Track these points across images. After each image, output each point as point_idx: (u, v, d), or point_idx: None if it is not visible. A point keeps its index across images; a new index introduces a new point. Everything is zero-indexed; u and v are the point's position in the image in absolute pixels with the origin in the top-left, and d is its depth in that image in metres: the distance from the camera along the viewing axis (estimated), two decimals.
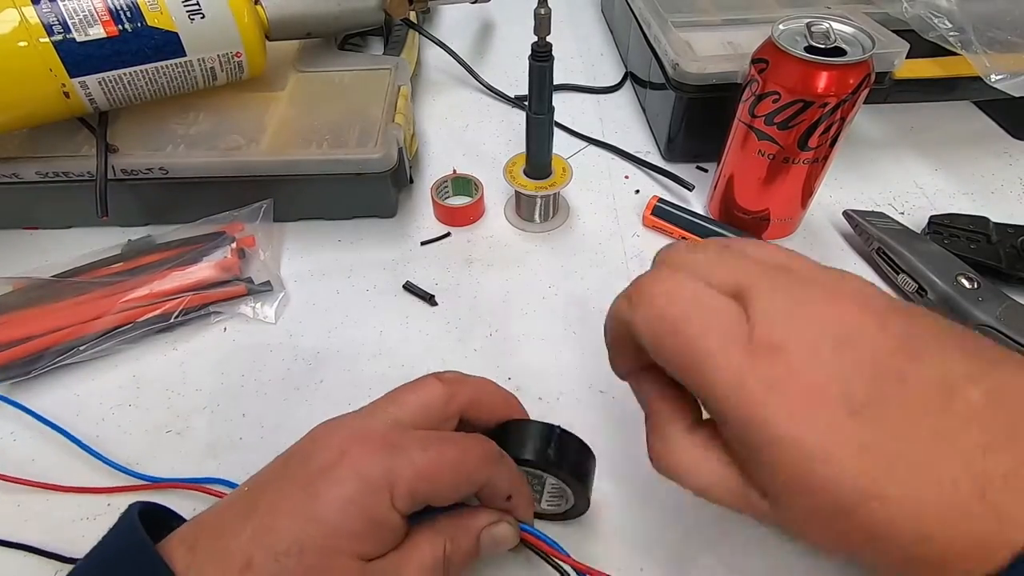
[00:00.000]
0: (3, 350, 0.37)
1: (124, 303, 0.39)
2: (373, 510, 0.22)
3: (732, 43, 0.48)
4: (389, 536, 0.23)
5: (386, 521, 0.22)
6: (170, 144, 0.43)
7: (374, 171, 0.42)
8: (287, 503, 0.22)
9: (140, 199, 0.45)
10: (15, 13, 0.35)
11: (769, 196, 0.42)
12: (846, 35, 0.37)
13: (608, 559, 0.30)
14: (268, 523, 0.22)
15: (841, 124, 0.37)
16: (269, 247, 0.44)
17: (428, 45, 0.63)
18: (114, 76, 0.38)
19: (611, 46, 0.69)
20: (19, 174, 0.41)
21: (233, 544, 0.22)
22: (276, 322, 0.41)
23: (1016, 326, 0.36)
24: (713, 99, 0.45)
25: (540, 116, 0.41)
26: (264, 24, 0.45)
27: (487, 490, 0.25)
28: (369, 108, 0.46)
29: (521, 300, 0.42)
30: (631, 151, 0.54)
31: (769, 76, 0.37)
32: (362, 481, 0.22)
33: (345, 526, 0.22)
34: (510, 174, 0.45)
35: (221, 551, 0.22)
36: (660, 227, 0.46)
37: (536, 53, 0.37)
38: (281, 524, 0.22)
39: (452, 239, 0.47)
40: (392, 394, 0.26)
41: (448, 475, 0.23)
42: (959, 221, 0.43)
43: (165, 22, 0.38)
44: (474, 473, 0.24)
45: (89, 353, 0.38)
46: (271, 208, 0.45)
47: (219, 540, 0.22)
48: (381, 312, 0.42)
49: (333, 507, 0.22)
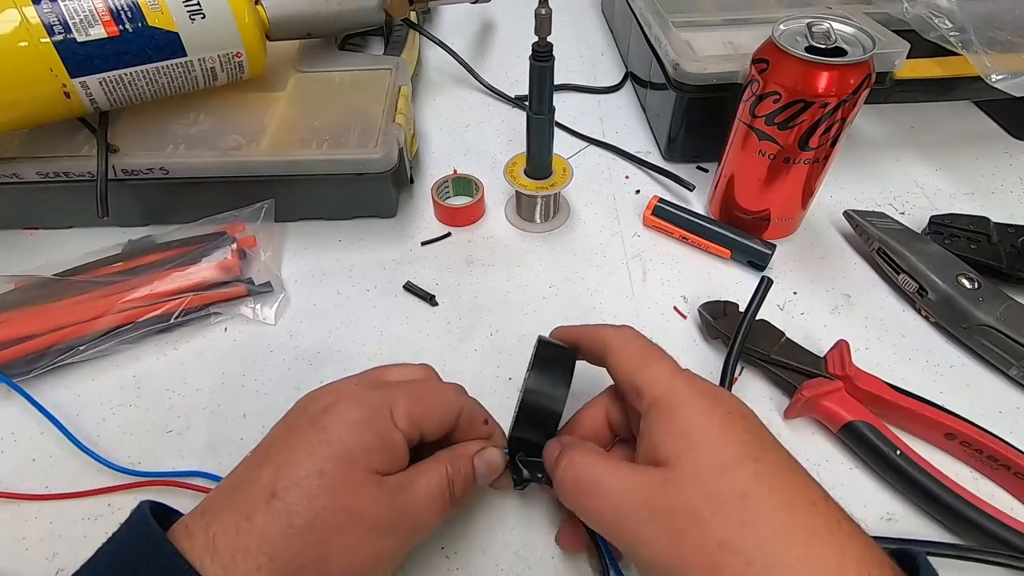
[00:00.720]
0: (5, 348, 0.37)
1: (125, 303, 0.39)
2: (379, 427, 0.25)
3: (732, 43, 0.48)
4: (396, 454, 0.25)
5: (392, 438, 0.25)
6: (170, 144, 0.43)
7: (374, 171, 0.42)
8: (299, 442, 0.24)
9: (140, 199, 0.45)
10: (16, 13, 0.35)
11: (769, 196, 0.42)
12: (846, 35, 0.37)
13: None
14: (284, 460, 0.24)
15: (842, 124, 0.37)
16: (270, 247, 0.44)
17: (428, 45, 0.63)
18: (115, 76, 0.38)
19: (611, 46, 0.69)
20: (19, 174, 0.41)
21: (254, 488, 0.23)
22: (276, 323, 0.41)
23: (1016, 326, 0.36)
24: (713, 99, 0.45)
25: (540, 116, 0.41)
26: (264, 24, 0.45)
27: (466, 418, 0.28)
28: (369, 108, 0.46)
29: (521, 300, 0.42)
30: (631, 151, 0.54)
31: (770, 76, 0.37)
32: (364, 406, 0.25)
33: (357, 443, 0.24)
34: (510, 174, 0.45)
35: (242, 495, 0.24)
36: (660, 227, 0.46)
37: (536, 53, 0.37)
38: (297, 458, 0.24)
39: (452, 239, 0.47)
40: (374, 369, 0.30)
41: (434, 402, 0.27)
42: (959, 221, 0.43)
43: (165, 22, 0.38)
44: (454, 401, 0.28)
45: (90, 353, 0.38)
46: (272, 208, 0.45)
47: (235, 493, 0.24)
48: (381, 312, 0.42)
49: (342, 430, 0.24)
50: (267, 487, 0.23)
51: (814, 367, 0.36)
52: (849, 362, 0.35)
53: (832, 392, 0.34)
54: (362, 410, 0.25)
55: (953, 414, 0.33)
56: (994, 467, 0.32)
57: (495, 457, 0.29)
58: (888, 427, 0.33)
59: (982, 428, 0.32)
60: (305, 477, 0.23)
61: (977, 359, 0.38)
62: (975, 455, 0.33)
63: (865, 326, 0.40)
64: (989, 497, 0.31)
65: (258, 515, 0.23)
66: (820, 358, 0.36)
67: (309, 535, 0.23)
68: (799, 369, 0.36)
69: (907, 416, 0.34)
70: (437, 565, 0.30)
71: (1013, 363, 0.36)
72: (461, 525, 0.31)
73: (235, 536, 0.22)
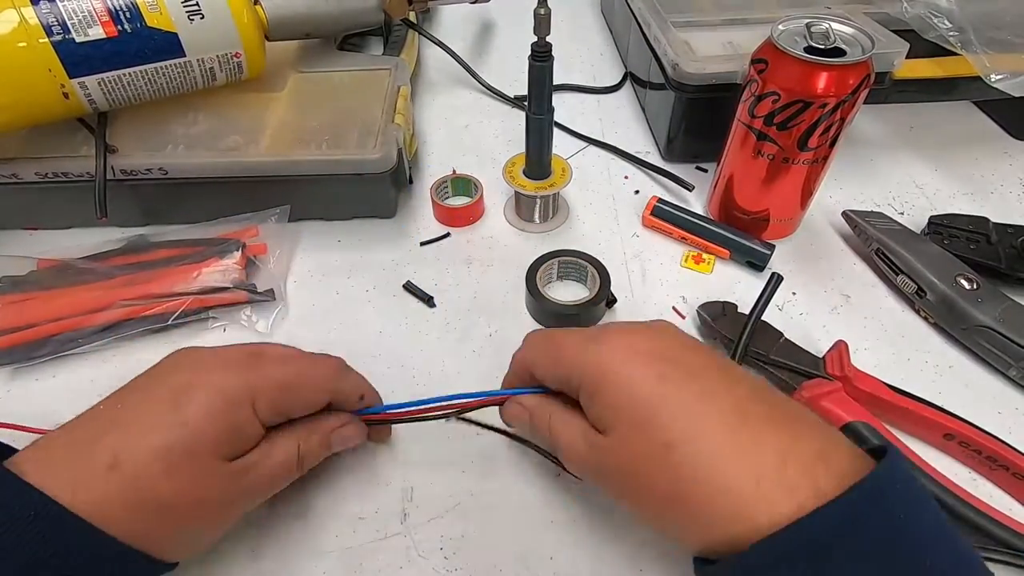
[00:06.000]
0: (12, 333, 0.37)
1: (126, 299, 0.39)
2: (235, 419, 0.25)
3: (732, 43, 0.48)
4: (249, 440, 0.26)
5: (246, 428, 0.26)
6: (169, 144, 0.43)
7: (374, 171, 0.42)
8: (151, 414, 0.25)
9: (139, 200, 0.45)
10: (14, 14, 0.35)
11: (769, 196, 0.42)
12: (846, 35, 0.37)
13: (608, 558, 0.30)
14: (133, 430, 0.24)
15: (841, 124, 0.37)
16: (279, 252, 0.44)
17: (428, 45, 0.63)
18: (113, 77, 0.38)
19: (611, 46, 0.69)
20: (18, 174, 0.41)
21: (97, 448, 0.24)
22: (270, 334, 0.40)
23: (1016, 327, 0.36)
24: (713, 99, 0.45)
25: (540, 116, 0.41)
26: (264, 24, 0.45)
27: (339, 396, 0.29)
28: (369, 108, 0.46)
29: (521, 300, 0.42)
30: (631, 151, 0.54)
31: (769, 76, 0.37)
32: (223, 395, 0.25)
33: (209, 432, 0.24)
34: (510, 174, 0.45)
35: (83, 454, 0.24)
36: (660, 227, 0.46)
37: (536, 53, 0.37)
38: (146, 430, 0.24)
39: (452, 239, 0.47)
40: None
41: (303, 386, 0.28)
42: (959, 221, 0.43)
43: (164, 23, 0.38)
44: (326, 383, 0.28)
45: (89, 346, 0.38)
46: (287, 213, 0.45)
47: (77, 447, 0.24)
48: (380, 312, 0.42)
49: (197, 416, 0.24)
50: (111, 452, 0.23)
51: (813, 368, 0.36)
52: (848, 363, 0.35)
53: (831, 393, 0.34)
54: (224, 399, 0.25)
55: (952, 415, 0.33)
56: (993, 467, 0.32)
57: (353, 434, 0.30)
58: (887, 427, 0.33)
59: (981, 428, 0.32)
60: (150, 453, 0.24)
61: (976, 360, 0.38)
62: (974, 455, 0.33)
63: (864, 327, 0.40)
64: (988, 497, 0.31)
65: (98, 481, 0.23)
66: (819, 359, 0.36)
67: (147, 510, 0.23)
68: (798, 370, 0.36)
69: (906, 417, 0.34)
70: (437, 565, 0.30)
71: (1012, 364, 0.36)
72: (461, 525, 0.32)
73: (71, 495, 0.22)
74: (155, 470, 0.23)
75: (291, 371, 0.28)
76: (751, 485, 0.21)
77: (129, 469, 0.23)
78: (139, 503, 0.23)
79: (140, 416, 0.25)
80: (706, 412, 0.23)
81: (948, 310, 0.38)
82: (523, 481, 0.33)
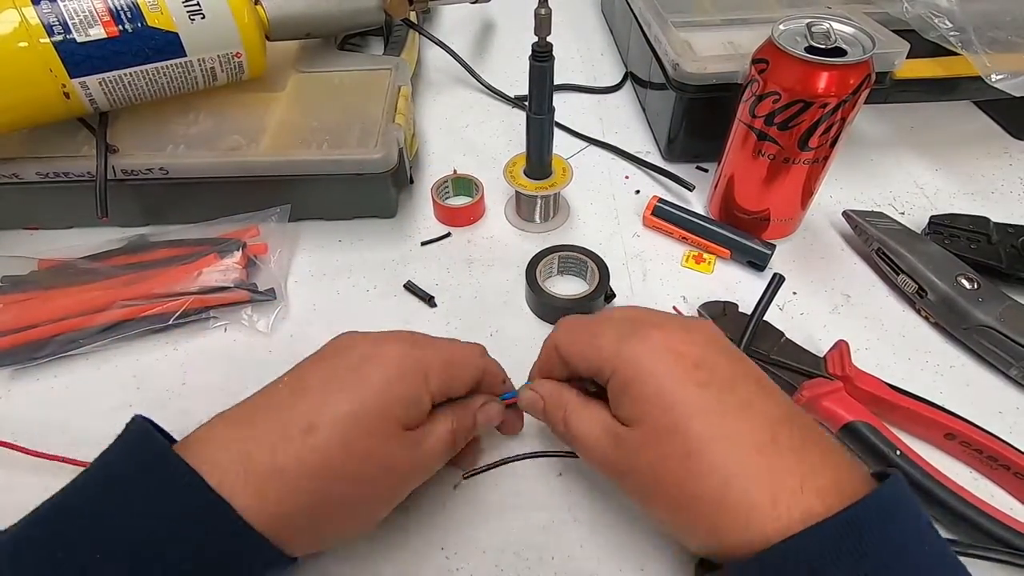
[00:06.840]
0: (14, 334, 0.37)
1: (127, 299, 0.39)
2: (413, 387, 0.27)
3: (732, 43, 0.48)
4: (421, 412, 0.27)
5: (423, 398, 0.27)
6: (170, 144, 0.43)
7: (374, 171, 0.42)
8: (339, 382, 0.26)
9: (140, 200, 0.45)
10: (15, 14, 0.35)
11: (769, 196, 0.42)
12: (846, 35, 0.37)
13: (608, 559, 0.30)
14: (323, 398, 0.26)
15: (841, 124, 0.37)
16: (279, 251, 0.44)
17: (428, 45, 0.63)
18: (114, 76, 0.38)
19: (611, 46, 0.69)
20: (19, 174, 0.41)
21: (293, 413, 0.25)
22: (270, 334, 0.40)
23: (1016, 327, 0.36)
24: (713, 99, 0.45)
25: (540, 116, 0.41)
26: (264, 24, 0.45)
27: (489, 376, 0.31)
28: (369, 108, 0.46)
29: (521, 300, 0.42)
30: (631, 151, 0.54)
31: (769, 76, 0.37)
32: (402, 365, 0.27)
33: (394, 398, 0.26)
34: (510, 174, 0.45)
35: (280, 420, 0.25)
36: (660, 227, 0.46)
37: (536, 53, 0.37)
38: (338, 398, 0.26)
39: (452, 239, 0.47)
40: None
41: (464, 364, 0.29)
42: (959, 221, 0.43)
43: (165, 22, 0.38)
44: (479, 365, 0.30)
45: (90, 346, 0.38)
46: (287, 212, 0.44)
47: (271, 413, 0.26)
48: (381, 312, 0.42)
49: (382, 383, 0.26)
50: (305, 418, 0.25)
51: (814, 367, 0.36)
52: (849, 362, 0.35)
53: (832, 392, 0.34)
54: (401, 368, 0.27)
55: (953, 414, 0.33)
56: (994, 467, 0.32)
57: (495, 411, 0.31)
58: (888, 427, 0.33)
59: (982, 428, 0.32)
60: (344, 417, 0.25)
61: (977, 359, 0.38)
62: (975, 455, 0.33)
63: (865, 326, 0.40)
64: (989, 497, 0.31)
65: (294, 443, 0.24)
66: (820, 358, 0.36)
67: (343, 471, 0.25)
68: (799, 369, 0.36)
69: (907, 416, 0.34)
70: (437, 565, 0.30)
71: (1013, 363, 0.36)
72: (461, 525, 0.32)
73: (270, 455, 0.24)
74: (351, 434, 0.25)
75: (452, 349, 0.30)
76: (767, 503, 0.22)
77: (324, 433, 0.24)
78: (327, 470, 0.24)
79: (327, 385, 0.26)
80: (739, 430, 0.24)
81: (949, 310, 0.38)
82: (523, 481, 0.33)
